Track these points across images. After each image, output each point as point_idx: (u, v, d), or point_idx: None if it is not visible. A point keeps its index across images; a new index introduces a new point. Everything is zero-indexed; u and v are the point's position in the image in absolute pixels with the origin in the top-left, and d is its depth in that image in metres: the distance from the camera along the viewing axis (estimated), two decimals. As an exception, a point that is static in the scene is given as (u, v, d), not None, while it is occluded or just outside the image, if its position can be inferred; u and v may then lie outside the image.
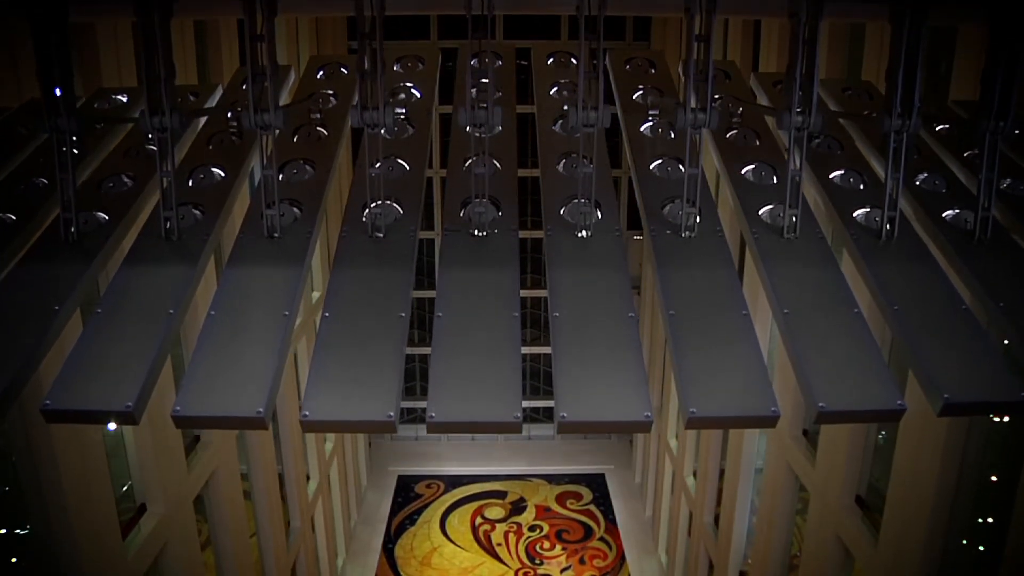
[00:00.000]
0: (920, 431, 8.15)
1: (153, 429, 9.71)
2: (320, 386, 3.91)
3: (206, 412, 3.85)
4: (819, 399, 3.84)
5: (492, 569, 22.27)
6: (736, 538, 15.21)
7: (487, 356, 4.09)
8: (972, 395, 3.85)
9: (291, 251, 4.66)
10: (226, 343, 4.09)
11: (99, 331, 4.13)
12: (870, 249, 4.68)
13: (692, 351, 4.08)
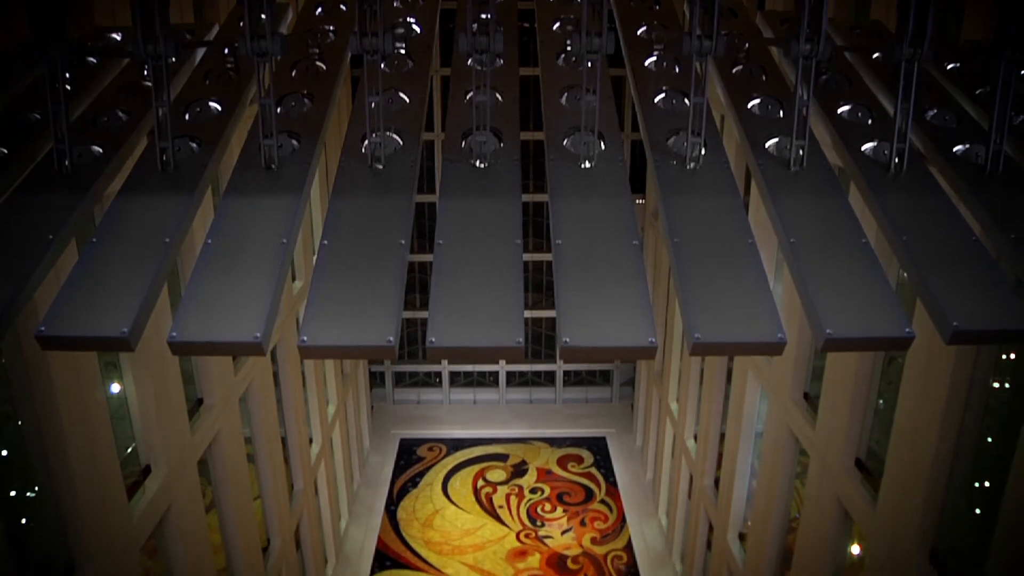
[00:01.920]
0: (920, 395, 8.12)
1: (156, 391, 9.69)
2: (319, 312, 3.84)
3: (203, 338, 3.78)
4: (827, 326, 3.77)
5: (494, 531, 22.40)
6: (736, 501, 15.26)
7: (488, 283, 4.01)
8: (981, 323, 3.78)
9: (289, 181, 4.58)
10: (223, 271, 4.02)
11: (94, 260, 4.06)
12: (878, 181, 4.59)
13: (696, 278, 4.00)
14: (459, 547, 21.69)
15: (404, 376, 30.62)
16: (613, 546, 21.77)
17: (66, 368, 7.59)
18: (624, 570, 20.78)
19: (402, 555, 21.41)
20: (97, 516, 8.29)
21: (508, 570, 20.71)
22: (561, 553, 21.43)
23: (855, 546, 10.48)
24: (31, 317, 4.90)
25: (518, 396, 30.73)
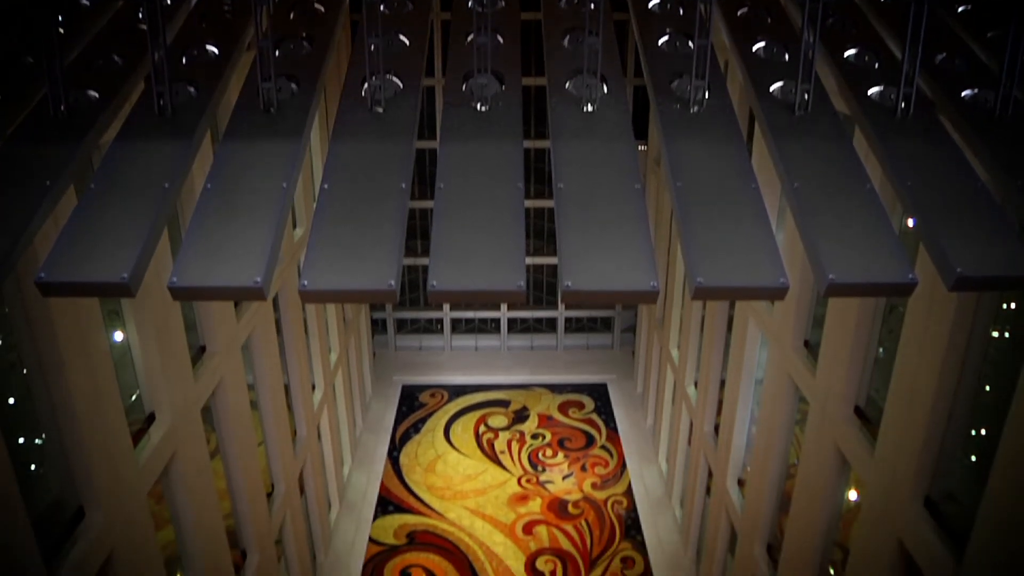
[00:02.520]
0: (920, 344, 8.12)
1: (158, 339, 9.71)
2: (319, 256, 3.82)
3: (203, 283, 3.76)
4: (829, 272, 3.74)
5: (495, 476, 22.66)
6: (735, 447, 15.39)
7: (489, 227, 3.98)
8: (985, 270, 3.76)
9: (288, 125, 4.52)
10: (223, 215, 3.99)
11: (93, 206, 4.03)
12: (884, 126, 4.52)
13: (699, 222, 3.96)
14: (461, 492, 21.98)
15: (406, 323, 30.71)
16: (613, 491, 22.05)
17: (68, 316, 7.59)
18: (624, 515, 21.07)
19: (404, 500, 21.70)
20: (104, 462, 8.37)
21: (509, 515, 21.00)
22: (562, 498, 21.71)
23: (852, 492, 10.59)
24: (31, 264, 4.87)
25: (519, 343, 30.86)
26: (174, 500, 10.61)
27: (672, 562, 19.24)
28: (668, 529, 20.41)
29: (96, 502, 8.33)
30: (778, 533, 13.33)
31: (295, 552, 16.41)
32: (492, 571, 18.94)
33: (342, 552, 19.67)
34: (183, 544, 10.93)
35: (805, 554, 11.32)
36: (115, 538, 8.56)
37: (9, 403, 7.46)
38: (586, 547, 19.83)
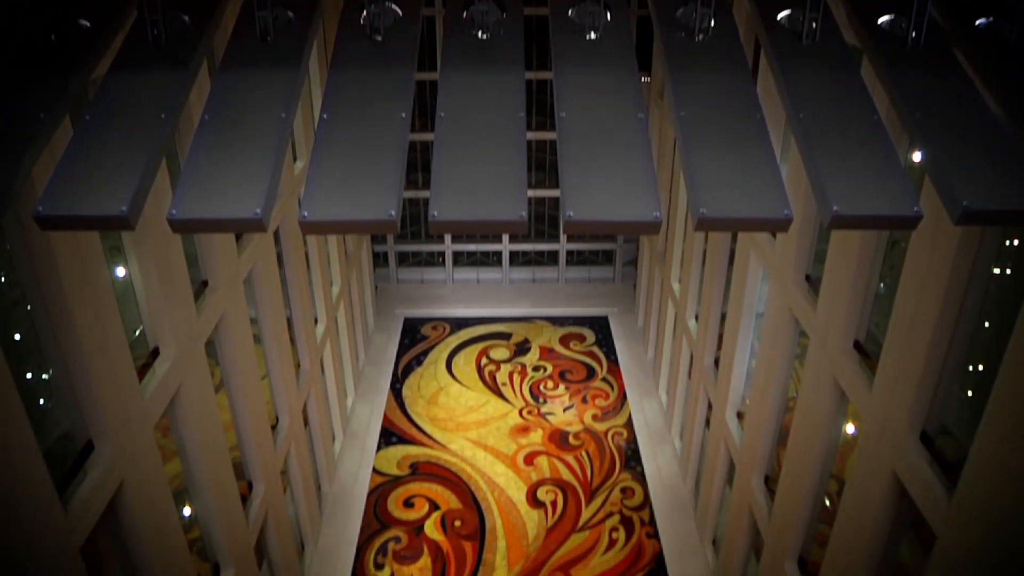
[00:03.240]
0: (921, 279, 8.10)
1: (160, 274, 9.70)
2: (319, 187, 3.78)
3: (203, 215, 3.73)
4: (834, 203, 3.70)
5: (497, 407, 22.91)
6: (735, 380, 15.51)
7: (491, 156, 3.93)
8: (991, 203, 3.72)
9: (286, 54, 4.42)
10: (221, 147, 3.94)
11: (88, 138, 3.97)
12: (894, 56, 4.42)
13: (703, 153, 3.91)
14: (463, 423, 22.25)
15: (407, 256, 30.71)
16: (614, 423, 22.31)
17: (70, 251, 7.58)
18: (624, 446, 21.36)
19: (407, 431, 21.98)
20: (110, 397, 8.45)
21: (511, 446, 21.29)
22: (563, 429, 21.98)
23: (850, 425, 10.70)
24: (31, 200, 4.82)
25: (521, 275, 30.89)
26: (180, 433, 10.74)
27: (671, 493, 19.57)
28: (667, 460, 20.71)
29: (104, 435, 8.43)
30: (776, 465, 13.52)
31: (300, 483, 16.69)
32: (494, 501, 19.28)
33: (346, 482, 20.01)
34: (190, 476, 11.10)
35: (801, 485, 11.50)
36: (124, 470, 8.69)
37: (15, 339, 7.49)
38: (586, 477, 20.15)
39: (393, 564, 17.47)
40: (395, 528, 18.50)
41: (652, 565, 17.41)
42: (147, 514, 9.25)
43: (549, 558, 17.59)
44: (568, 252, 30.68)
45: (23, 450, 6.83)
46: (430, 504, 19.24)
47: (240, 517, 12.62)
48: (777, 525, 12.56)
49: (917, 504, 8.34)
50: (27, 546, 6.87)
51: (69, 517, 7.62)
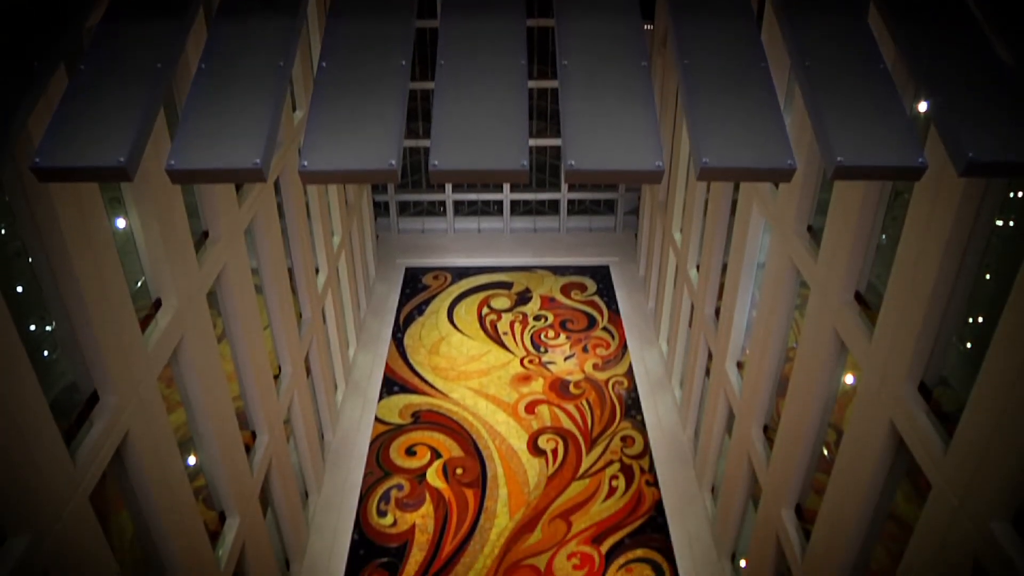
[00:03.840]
0: (924, 230, 8.08)
1: (161, 224, 9.69)
2: (319, 136, 3.75)
3: (202, 165, 3.71)
4: (838, 153, 3.67)
5: (498, 356, 23.04)
6: (735, 330, 15.58)
7: (492, 104, 3.89)
8: (998, 155, 3.68)
9: (284, 1, 4.35)
10: (219, 96, 3.89)
11: (84, 88, 3.92)
12: (902, 3, 4.33)
13: (706, 101, 3.86)
14: (464, 372, 22.40)
15: (408, 205, 30.62)
16: (614, 372, 22.46)
17: (70, 202, 7.56)
18: (624, 395, 21.53)
19: (409, 381, 22.15)
20: (114, 348, 8.50)
21: (512, 394, 21.47)
22: (563, 378, 22.14)
23: (849, 376, 10.78)
24: (29, 151, 4.78)
25: (522, 225, 30.83)
26: (184, 383, 10.83)
27: (671, 441, 19.79)
28: (667, 409, 20.90)
29: (109, 386, 8.51)
30: (775, 415, 13.65)
31: (303, 432, 16.87)
32: (495, 449, 19.50)
33: (349, 431, 20.23)
34: (194, 426, 11.23)
35: (800, 435, 11.62)
36: (129, 420, 8.79)
37: (17, 291, 7.51)
38: (587, 426, 20.36)
39: (396, 511, 17.74)
40: (398, 476, 18.75)
41: (651, 512, 17.68)
42: (153, 463, 9.37)
43: (550, 505, 17.86)
44: (569, 201, 30.57)
45: (29, 401, 6.90)
46: (432, 452, 19.47)
47: (244, 466, 12.78)
48: (775, 473, 12.73)
49: (913, 453, 8.44)
50: (37, 494, 6.99)
51: (77, 466, 7.72)
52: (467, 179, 3.84)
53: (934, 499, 7.92)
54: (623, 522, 17.42)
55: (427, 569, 16.31)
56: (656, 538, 16.99)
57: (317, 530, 17.24)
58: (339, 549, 16.79)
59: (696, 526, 17.22)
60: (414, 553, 16.67)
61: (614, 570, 16.21)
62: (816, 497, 11.68)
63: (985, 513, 7.02)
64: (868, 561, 10.05)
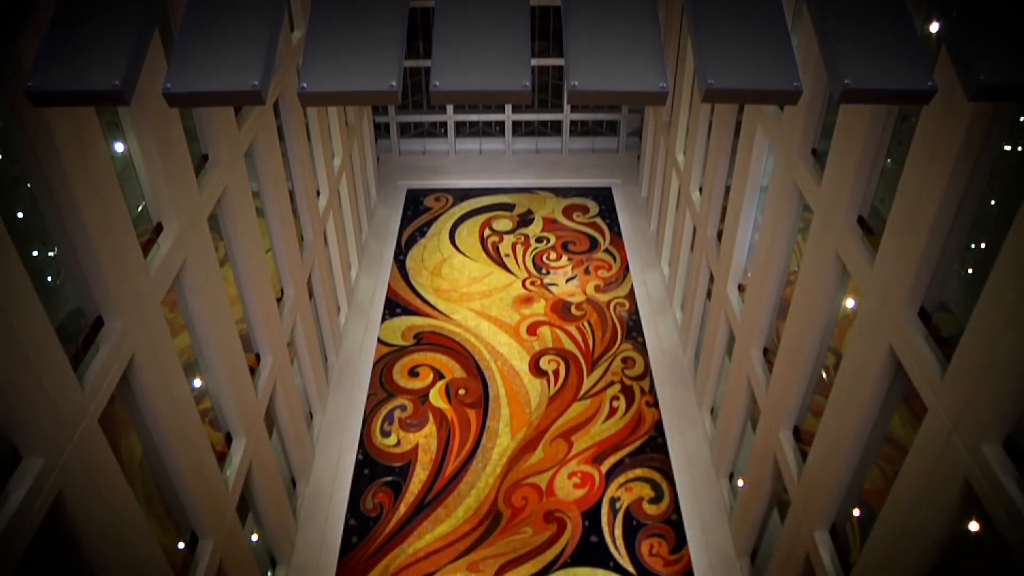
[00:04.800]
0: (930, 154, 7.99)
1: (160, 148, 9.60)
2: (318, 57, 3.68)
3: (199, 88, 3.65)
4: (846, 76, 3.60)
5: (500, 278, 23.12)
6: (737, 253, 15.57)
7: (494, 23, 3.80)
8: (1009, 78, 3.61)
9: None
10: (216, 17, 3.80)
11: (78, 9, 3.83)
12: None
13: (712, 21, 3.77)
14: (466, 294, 22.50)
15: (409, 127, 30.29)
16: (616, 294, 22.56)
17: (66, 126, 7.48)
18: (626, 317, 21.67)
19: (411, 302, 22.27)
20: (116, 272, 8.52)
21: (514, 316, 21.60)
22: (565, 300, 22.25)
23: (849, 300, 10.82)
24: (23, 74, 4.69)
25: (524, 146, 30.56)
26: (187, 307, 10.89)
27: (671, 363, 19.99)
28: (668, 331, 21.05)
29: (113, 311, 8.56)
30: (775, 337, 13.75)
31: (307, 354, 17.04)
32: (497, 370, 19.72)
33: (352, 353, 20.43)
34: (199, 349, 11.34)
35: (799, 358, 11.73)
36: (135, 344, 8.87)
37: (17, 216, 7.50)
38: (588, 347, 20.54)
39: (399, 431, 18.05)
40: (401, 397, 19.01)
41: (651, 432, 17.97)
42: (159, 386, 9.50)
43: (551, 426, 18.15)
44: (572, 122, 30.22)
45: (35, 326, 6.95)
46: (435, 373, 19.70)
47: (249, 388, 12.96)
48: (774, 395, 12.90)
49: (911, 377, 8.53)
50: (48, 418, 7.10)
51: (85, 390, 7.83)
52: (468, 100, 3.79)
53: (929, 422, 8.04)
54: (623, 442, 17.73)
55: (430, 488, 16.68)
56: (656, 458, 17.32)
57: (322, 450, 17.57)
58: (344, 468, 17.15)
59: (695, 446, 17.53)
60: (417, 472, 17.02)
61: (614, 489, 16.58)
62: (814, 419, 11.87)
63: (978, 436, 7.14)
64: (863, 482, 10.26)
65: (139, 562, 8.85)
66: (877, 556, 9.18)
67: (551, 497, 16.42)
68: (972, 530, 7.69)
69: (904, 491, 8.54)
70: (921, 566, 8.33)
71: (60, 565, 7.80)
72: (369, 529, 15.81)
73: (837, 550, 10.82)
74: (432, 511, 16.17)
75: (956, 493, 7.51)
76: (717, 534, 15.53)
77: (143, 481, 9.76)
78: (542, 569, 14.99)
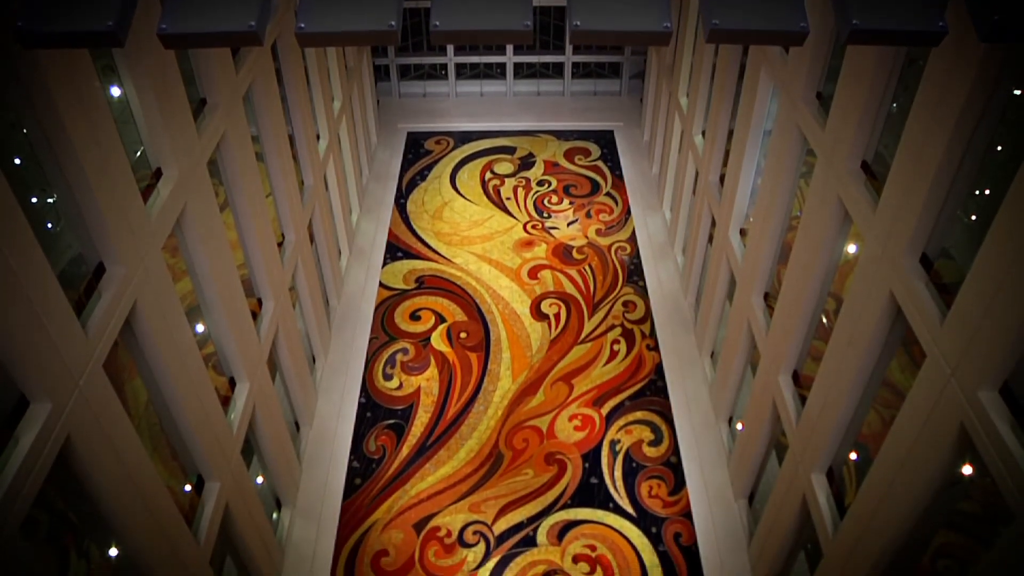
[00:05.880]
0: (937, 98, 7.88)
1: (157, 93, 9.48)
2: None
3: (195, 29, 3.59)
4: (853, 15, 3.53)
5: (501, 222, 23.07)
6: (740, 197, 15.51)
7: None
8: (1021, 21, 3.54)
9: None
10: None
11: None
12: None
13: None
14: (468, 238, 22.48)
15: (409, 69, 29.90)
16: (617, 237, 22.52)
17: (60, 70, 7.38)
18: (627, 260, 21.67)
19: (413, 246, 22.25)
20: (117, 218, 8.50)
21: (515, 259, 21.61)
22: (566, 243, 22.23)
23: (851, 245, 10.80)
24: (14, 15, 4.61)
25: (526, 88, 30.21)
26: (188, 252, 10.89)
27: (672, 306, 20.05)
28: (669, 275, 21.07)
29: (114, 256, 8.56)
30: (775, 282, 13.77)
31: (309, 298, 17.09)
32: (498, 313, 19.80)
33: (354, 296, 20.49)
34: (201, 294, 11.36)
35: (800, 303, 11.76)
36: (137, 289, 8.89)
37: (15, 163, 7.45)
38: (589, 291, 20.59)
39: (401, 375, 18.19)
40: (403, 340, 19.12)
41: (651, 376, 18.11)
42: (162, 331, 9.55)
43: (552, 369, 18.29)
44: (574, 64, 29.81)
45: (37, 273, 6.96)
46: (436, 317, 19.78)
47: (252, 333, 13.02)
48: (774, 340, 12.96)
49: (911, 323, 8.55)
50: (53, 364, 7.16)
51: (89, 336, 7.87)
52: (469, 40, 3.74)
53: (927, 367, 8.09)
54: (623, 385, 17.88)
55: (432, 430, 16.88)
56: (656, 401, 17.49)
57: (325, 393, 17.74)
58: (347, 412, 17.34)
59: (695, 390, 17.68)
60: (419, 415, 17.20)
61: (614, 431, 16.77)
62: (813, 364, 11.94)
63: (975, 382, 7.19)
64: (860, 426, 10.37)
65: (147, 504, 9.00)
66: (872, 498, 9.32)
67: (552, 439, 16.62)
68: (965, 474, 7.80)
69: (900, 435, 8.63)
70: (914, 508, 8.47)
71: (71, 507, 7.95)
72: (372, 471, 16.05)
73: (833, 492, 10.99)
74: (434, 453, 16.38)
75: (951, 438, 7.59)
76: (716, 476, 15.76)
77: (149, 425, 9.88)
78: (543, 510, 15.25)
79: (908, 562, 9.08)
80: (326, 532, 14.93)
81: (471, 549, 14.61)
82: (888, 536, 8.97)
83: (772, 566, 13.05)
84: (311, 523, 15.08)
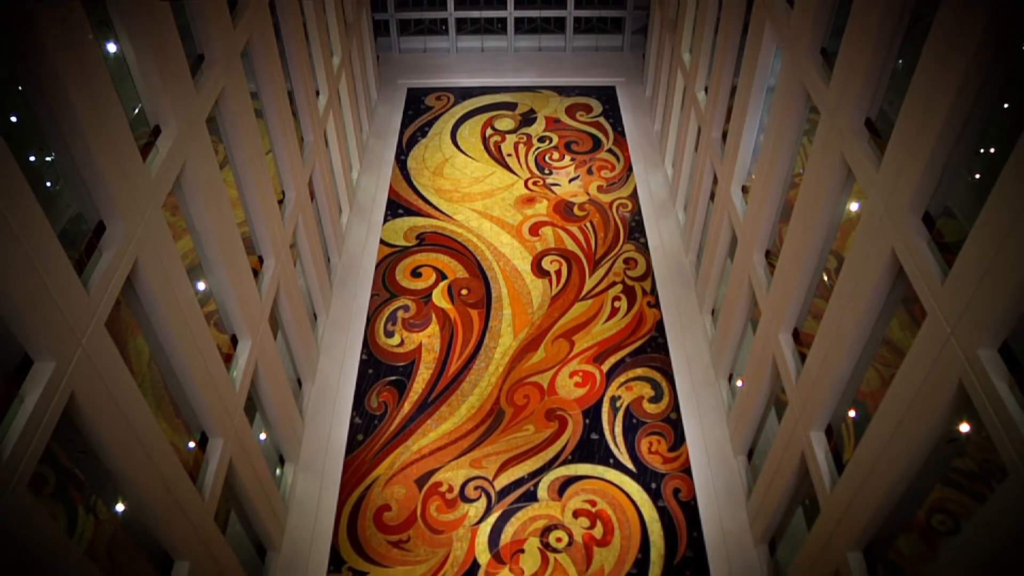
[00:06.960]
0: (944, 55, 7.79)
1: (153, 48, 9.38)
2: None
3: None
4: None
5: (502, 178, 22.98)
6: (742, 154, 15.42)
7: None
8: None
9: None
10: None
11: None
12: None
13: None
14: (468, 194, 22.40)
15: (409, 24, 29.55)
16: (619, 194, 22.44)
17: (54, 26, 7.29)
18: (628, 217, 21.61)
19: (413, 203, 22.19)
20: (116, 176, 8.46)
21: (516, 216, 21.56)
22: (568, 200, 22.16)
23: (853, 203, 10.76)
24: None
25: (527, 43, 29.89)
26: (188, 210, 10.86)
27: (673, 263, 20.04)
28: (671, 232, 21.03)
29: (114, 215, 8.54)
30: (777, 240, 13.75)
31: (310, 255, 17.08)
32: (499, 270, 19.80)
33: (355, 254, 20.48)
34: (202, 251, 11.36)
35: (801, 260, 11.75)
36: (137, 248, 8.89)
37: (11, 120, 7.40)
38: (590, 248, 20.57)
39: (403, 331, 18.26)
40: (404, 297, 19.16)
41: (652, 332, 18.17)
42: (164, 289, 9.56)
43: (553, 325, 18.34)
44: (576, 19, 29.45)
45: (37, 232, 6.95)
46: (437, 274, 19.79)
47: (253, 290, 13.04)
48: (775, 297, 12.98)
49: (912, 282, 8.55)
50: (56, 323, 7.18)
51: (91, 295, 7.88)
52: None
53: (928, 326, 8.10)
54: (624, 342, 17.95)
55: (434, 387, 16.98)
56: (656, 357, 17.57)
57: (327, 350, 17.82)
58: (348, 368, 17.43)
59: (695, 347, 17.75)
60: (421, 371, 17.30)
61: (614, 388, 16.87)
62: (813, 322, 11.97)
63: (975, 341, 7.21)
64: (859, 384, 10.43)
65: (152, 461, 9.10)
66: (869, 455, 9.41)
67: (552, 396, 16.73)
68: (962, 431, 7.87)
69: (899, 393, 8.68)
70: (910, 465, 8.55)
71: (77, 464, 8.03)
72: (374, 427, 16.18)
73: (831, 449, 11.09)
74: (435, 409, 16.51)
75: (949, 396, 7.64)
76: (715, 433, 15.89)
77: (152, 383, 9.95)
78: (543, 466, 15.40)
79: (903, 517, 9.19)
80: (329, 488, 15.10)
81: (472, 504, 14.79)
82: (884, 492, 9.07)
83: (770, 521, 13.22)
84: (314, 479, 15.25)
